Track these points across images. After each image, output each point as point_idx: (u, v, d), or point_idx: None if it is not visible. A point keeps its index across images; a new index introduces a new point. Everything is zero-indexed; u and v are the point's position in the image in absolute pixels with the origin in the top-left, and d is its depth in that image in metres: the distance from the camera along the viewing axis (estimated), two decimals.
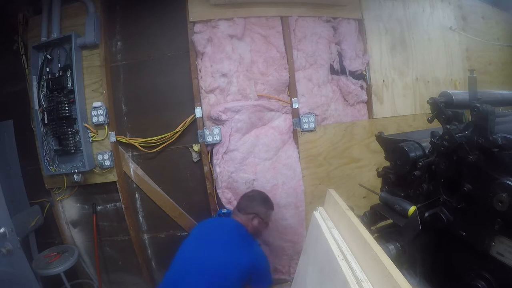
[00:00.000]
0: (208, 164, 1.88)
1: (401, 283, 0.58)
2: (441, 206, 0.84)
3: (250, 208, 1.61)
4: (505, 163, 0.69)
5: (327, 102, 2.04)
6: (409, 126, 2.26)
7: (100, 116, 1.83)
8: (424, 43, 2.35)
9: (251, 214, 1.60)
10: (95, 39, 1.82)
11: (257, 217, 1.60)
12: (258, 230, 1.63)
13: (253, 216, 1.59)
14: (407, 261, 0.94)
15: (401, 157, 0.98)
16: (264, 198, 1.69)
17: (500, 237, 0.70)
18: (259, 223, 1.61)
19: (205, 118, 1.88)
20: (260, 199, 1.67)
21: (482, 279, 0.74)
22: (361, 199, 2.09)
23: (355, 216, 0.89)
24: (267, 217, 1.66)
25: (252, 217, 1.59)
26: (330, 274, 0.81)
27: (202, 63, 1.86)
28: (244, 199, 1.68)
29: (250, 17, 1.90)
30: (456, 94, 0.93)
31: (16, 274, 1.54)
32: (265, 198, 1.69)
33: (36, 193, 2.02)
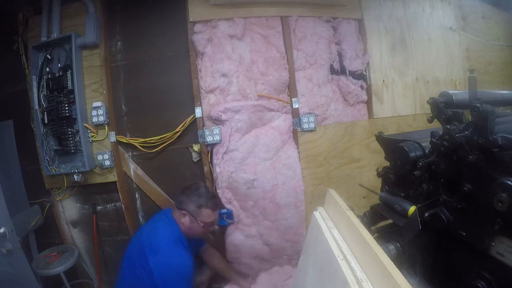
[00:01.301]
0: (208, 164, 1.88)
1: (401, 283, 0.58)
2: (441, 206, 0.84)
3: (181, 203, 1.47)
4: (505, 163, 0.69)
5: (327, 102, 2.04)
6: (409, 126, 2.26)
7: (100, 116, 1.83)
8: (424, 43, 2.35)
9: (182, 210, 1.45)
10: (95, 39, 1.82)
11: (187, 214, 1.44)
12: (191, 230, 1.47)
13: (183, 213, 1.45)
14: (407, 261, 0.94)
15: (401, 157, 0.98)
16: (200, 193, 1.48)
17: (500, 237, 0.70)
18: (191, 221, 1.45)
19: (205, 118, 1.88)
20: (196, 194, 1.47)
21: (482, 279, 0.74)
22: (361, 199, 2.09)
23: (355, 216, 0.89)
24: (200, 217, 1.45)
25: (182, 213, 1.45)
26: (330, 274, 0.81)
27: (202, 63, 1.86)
28: (180, 192, 1.51)
29: (250, 17, 1.90)
30: (456, 94, 0.93)
31: (16, 274, 1.54)
32: (201, 194, 1.48)
33: (36, 193, 2.02)
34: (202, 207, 1.45)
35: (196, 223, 1.45)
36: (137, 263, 1.37)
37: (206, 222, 1.48)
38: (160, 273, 1.31)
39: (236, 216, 1.93)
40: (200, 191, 1.48)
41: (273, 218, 1.94)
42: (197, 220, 1.45)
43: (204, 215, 1.46)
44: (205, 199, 1.47)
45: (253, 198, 1.92)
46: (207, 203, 1.46)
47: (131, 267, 1.40)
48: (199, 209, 1.45)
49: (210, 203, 1.48)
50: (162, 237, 1.40)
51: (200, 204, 1.45)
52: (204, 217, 1.47)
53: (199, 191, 1.48)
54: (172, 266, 1.34)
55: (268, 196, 1.92)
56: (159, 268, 1.32)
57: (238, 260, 1.98)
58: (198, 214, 1.45)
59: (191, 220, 1.44)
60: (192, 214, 1.44)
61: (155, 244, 1.38)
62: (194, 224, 1.45)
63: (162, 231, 1.43)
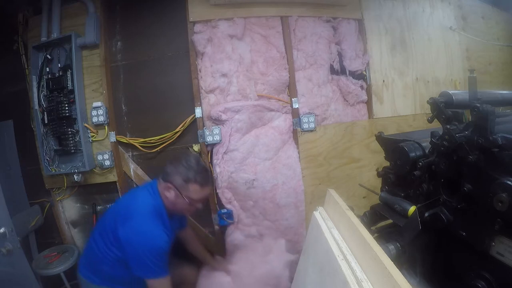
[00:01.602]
0: (208, 164, 1.88)
1: (401, 283, 0.58)
2: (441, 206, 0.84)
3: (168, 175, 1.29)
4: (505, 163, 0.69)
5: (327, 102, 2.04)
6: (409, 126, 2.26)
7: (100, 116, 1.83)
8: (424, 43, 2.35)
9: (167, 183, 1.28)
10: (95, 39, 1.82)
11: (172, 188, 1.27)
12: (175, 206, 1.30)
13: (168, 186, 1.28)
14: (407, 261, 0.94)
15: (401, 157, 0.99)
16: (190, 166, 1.28)
17: (500, 237, 0.70)
18: (176, 196, 1.28)
19: (205, 118, 1.87)
20: (184, 166, 1.28)
21: (482, 279, 0.74)
22: (361, 199, 2.09)
23: (355, 216, 0.89)
24: (186, 192, 1.27)
25: (167, 187, 1.28)
26: (330, 274, 0.81)
27: (202, 63, 1.86)
28: (168, 162, 1.34)
29: (250, 17, 1.90)
30: (456, 94, 0.93)
31: (16, 274, 1.54)
32: (190, 166, 1.28)
33: (36, 193, 2.02)
34: (190, 182, 1.26)
35: (181, 198, 1.27)
36: (108, 229, 1.27)
37: (192, 199, 1.29)
38: (128, 242, 1.19)
39: (236, 216, 1.93)
40: (190, 163, 1.28)
41: (273, 218, 1.94)
42: (183, 196, 1.27)
43: (191, 190, 1.27)
44: (194, 172, 1.26)
45: (253, 198, 1.92)
46: (195, 177, 1.26)
47: (102, 234, 1.30)
48: (186, 183, 1.26)
49: (199, 177, 1.27)
50: (139, 206, 1.27)
51: (188, 177, 1.26)
52: (191, 192, 1.27)
53: (188, 163, 1.28)
54: (143, 235, 1.19)
55: (268, 196, 1.92)
56: (129, 235, 1.19)
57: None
58: (184, 189, 1.27)
59: (176, 195, 1.27)
60: (177, 188, 1.27)
61: (130, 212, 1.25)
62: (179, 200, 1.28)
63: (142, 200, 1.30)
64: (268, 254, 1.69)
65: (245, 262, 1.68)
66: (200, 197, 1.32)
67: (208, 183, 1.33)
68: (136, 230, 1.20)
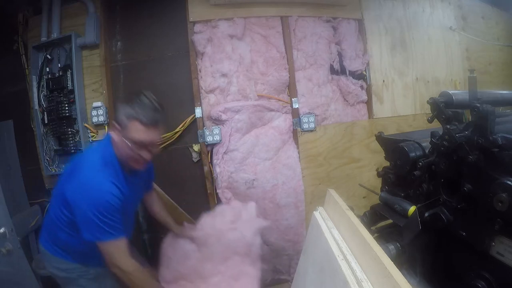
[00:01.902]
0: (208, 164, 1.88)
1: (401, 283, 0.58)
2: (441, 206, 0.84)
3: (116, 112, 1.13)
4: (505, 163, 0.69)
5: (327, 102, 2.04)
6: (409, 126, 2.26)
7: (100, 116, 1.83)
8: (424, 43, 2.35)
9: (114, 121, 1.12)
10: (95, 39, 1.82)
11: (116, 127, 1.10)
12: (118, 151, 1.11)
13: (113, 124, 1.13)
14: (407, 261, 0.94)
15: (401, 157, 0.99)
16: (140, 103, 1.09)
17: (500, 237, 0.70)
18: (117, 137, 1.10)
19: (205, 118, 1.87)
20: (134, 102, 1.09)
21: (482, 279, 0.74)
22: (361, 199, 2.09)
23: (355, 216, 0.89)
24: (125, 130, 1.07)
25: (113, 125, 1.12)
26: (330, 274, 0.81)
27: (202, 63, 1.86)
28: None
29: (250, 17, 1.90)
30: (456, 94, 0.93)
31: (16, 274, 1.54)
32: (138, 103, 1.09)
33: (36, 193, 2.02)
34: (131, 119, 1.06)
35: (121, 138, 1.09)
36: (59, 190, 1.15)
37: (134, 141, 1.08)
38: (74, 199, 1.06)
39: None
40: (142, 100, 1.09)
41: (273, 218, 1.94)
42: (122, 135, 1.09)
43: (131, 129, 1.07)
44: (139, 109, 1.07)
45: (253, 198, 1.91)
46: (139, 114, 1.06)
47: (56, 197, 1.20)
48: (128, 121, 1.07)
49: (143, 114, 1.06)
50: (87, 157, 1.14)
51: (130, 114, 1.07)
52: (131, 131, 1.07)
53: (140, 99, 1.09)
54: (88, 189, 1.04)
55: (268, 196, 1.92)
56: (74, 192, 1.06)
57: None
58: (125, 128, 1.08)
59: (118, 134, 1.10)
60: (120, 128, 1.10)
61: (78, 166, 1.12)
62: (122, 143, 1.09)
63: (91, 150, 1.18)
64: (237, 219, 1.56)
65: (212, 228, 1.52)
66: (143, 140, 1.09)
67: (155, 123, 1.10)
68: (81, 185, 1.05)
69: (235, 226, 1.52)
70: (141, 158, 1.13)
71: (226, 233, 1.48)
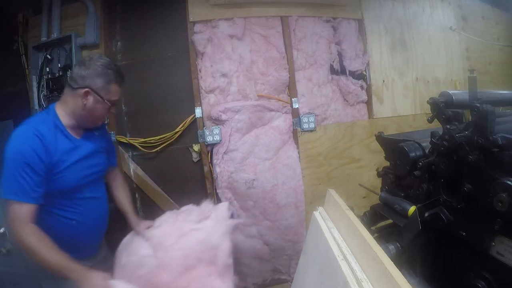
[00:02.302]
0: (208, 164, 1.88)
1: (401, 283, 0.58)
2: (441, 206, 0.84)
3: (82, 78, 1.13)
4: (505, 163, 0.69)
5: (327, 102, 2.04)
6: (409, 126, 2.26)
7: None
8: (424, 43, 2.35)
9: (83, 88, 1.13)
10: (95, 39, 1.82)
11: (91, 92, 1.13)
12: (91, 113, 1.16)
13: (85, 91, 1.13)
14: (407, 261, 0.94)
15: (401, 157, 0.99)
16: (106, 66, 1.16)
17: (500, 237, 0.70)
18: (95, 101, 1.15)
19: (205, 118, 1.88)
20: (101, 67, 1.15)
21: (482, 279, 0.74)
22: (361, 199, 2.09)
23: (355, 216, 0.89)
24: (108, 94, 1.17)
25: (84, 93, 1.13)
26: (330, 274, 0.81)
27: (202, 63, 1.86)
28: (77, 66, 1.18)
29: (250, 17, 1.90)
30: (456, 94, 0.93)
31: (16, 274, 1.54)
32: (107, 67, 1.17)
33: None
34: (111, 83, 1.17)
35: (101, 102, 1.16)
36: None
37: (112, 101, 1.20)
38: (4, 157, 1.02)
39: (236, 216, 1.92)
40: (104, 63, 1.17)
41: (273, 218, 1.94)
42: (104, 99, 1.16)
43: (112, 91, 1.19)
44: (114, 72, 1.18)
45: (253, 198, 1.92)
46: (116, 77, 1.19)
47: None
48: (108, 84, 1.16)
49: (118, 77, 1.20)
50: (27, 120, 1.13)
51: (110, 79, 1.17)
52: (112, 94, 1.19)
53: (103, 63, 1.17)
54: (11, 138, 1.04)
55: (268, 196, 1.92)
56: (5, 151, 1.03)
57: (238, 260, 1.98)
58: (105, 91, 1.16)
59: (96, 99, 1.14)
60: (97, 92, 1.14)
61: None
62: (98, 105, 1.16)
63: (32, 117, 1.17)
64: (204, 219, 1.32)
65: (171, 226, 1.30)
66: (118, 98, 1.24)
67: (124, 81, 1.24)
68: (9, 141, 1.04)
69: (199, 226, 1.28)
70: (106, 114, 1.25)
71: (188, 234, 1.25)
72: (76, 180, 1.15)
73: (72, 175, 1.14)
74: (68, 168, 1.12)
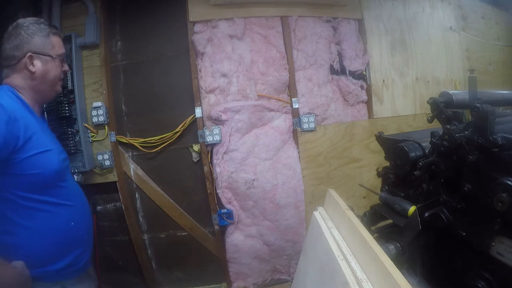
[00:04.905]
0: (208, 164, 1.88)
1: (401, 283, 0.58)
2: (441, 206, 0.84)
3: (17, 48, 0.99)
4: (505, 163, 0.69)
5: (327, 102, 2.04)
6: (409, 126, 2.26)
7: (100, 116, 1.83)
8: (424, 43, 2.35)
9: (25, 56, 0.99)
10: (95, 39, 1.82)
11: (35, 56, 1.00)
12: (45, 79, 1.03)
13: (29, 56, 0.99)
14: (407, 261, 0.94)
15: (401, 157, 0.99)
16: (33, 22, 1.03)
17: (500, 237, 0.70)
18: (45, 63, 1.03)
19: (205, 118, 1.88)
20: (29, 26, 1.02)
21: (482, 279, 0.74)
22: (361, 199, 2.09)
23: (355, 216, 0.89)
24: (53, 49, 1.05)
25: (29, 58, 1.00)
26: (330, 274, 0.81)
27: (202, 63, 1.87)
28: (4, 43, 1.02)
29: (250, 17, 1.90)
30: (456, 94, 0.93)
31: None
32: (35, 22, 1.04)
33: None
34: (50, 35, 1.05)
35: (50, 60, 1.03)
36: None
37: (60, 54, 1.08)
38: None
39: (236, 216, 1.93)
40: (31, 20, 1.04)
41: (273, 218, 1.94)
42: (52, 55, 1.04)
43: (55, 44, 1.06)
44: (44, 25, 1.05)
45: (253, 198, 1.92)
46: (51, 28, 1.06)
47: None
48: (48, 38, 1.03)
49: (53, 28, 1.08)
50: None
51: (47, 32, 1.04)
52: (56, 46, 1.06)
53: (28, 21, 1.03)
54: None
55: (268, 196, 1.92)
56: None
57: (238, 260, 1.98)
58: (49, 47, 1.03)
59: (44, 60, 1.02)
60: (42, 53, 1.01)
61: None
62: (49, 64, 1.03)
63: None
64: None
65: None
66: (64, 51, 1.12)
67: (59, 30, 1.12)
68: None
69: None
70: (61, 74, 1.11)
71: None
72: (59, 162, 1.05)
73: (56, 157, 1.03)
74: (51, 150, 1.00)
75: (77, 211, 1.10)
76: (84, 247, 1.08)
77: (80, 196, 1.19)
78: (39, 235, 0.95)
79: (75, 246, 1.02)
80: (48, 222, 0.97)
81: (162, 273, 2.05)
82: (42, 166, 0.96)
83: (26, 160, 0.91)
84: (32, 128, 0.95)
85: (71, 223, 1.05)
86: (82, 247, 1.05)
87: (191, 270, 2.04)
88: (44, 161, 0.97)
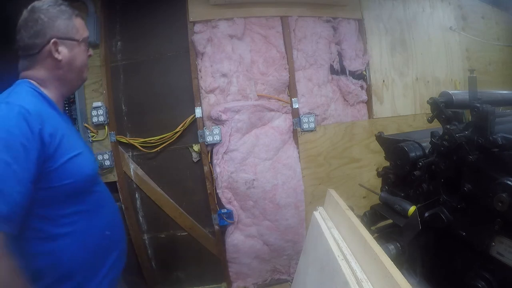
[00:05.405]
0: (208, 164, 1.88)
1: (401, 283, 0.58)
2: (441, 206, 0.84)
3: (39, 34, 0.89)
4: (505, 163, 0.69)
5: (327, 102, 2.04)
6: (409, 126, 2.26)
7: (100, 116, 1.83)
8: (424, 43, 2.35)
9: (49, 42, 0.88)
10: (95, 39, 1.82)
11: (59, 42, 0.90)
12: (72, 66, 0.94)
13: (54, 42, 0.89)
14: (407, 261, 0.94)
15: (401, 157, 0.99)
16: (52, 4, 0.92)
17: (500, 237, 0.70)
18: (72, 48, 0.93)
19: (205, 118, 1.88)
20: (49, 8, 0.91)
21: (482, 279, 0.74)
22: (361, 199, 2.09)
23: (355, 216, 0.89)
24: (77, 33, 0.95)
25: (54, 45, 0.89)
26: (330, 274, 0.81)
27: (202, 63, 1.87)
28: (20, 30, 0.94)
29: (250, 17, 1.90)
30: (456, 94, 0.93)
31: None
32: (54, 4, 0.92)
33: None
34: (73, 17, 0.95)
35: (78, 46, 0.95)
36: None
37: (84, 37, 0.99)
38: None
39: (236, 216, 1.93)
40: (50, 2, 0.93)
41: (273, 218, 1.94)
42: (78, 40, 0.95)
43: (79, 27, 0.96)
44: (66, 6, 0.94)
45: (253, 198, 1.92)
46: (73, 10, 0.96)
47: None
48: (71, 20, 0.93)
49: (75, 9, 0.97)
50: None
51: (69, 14, 0.94)
52: (81, 30, 0.97)
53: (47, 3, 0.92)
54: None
55: (268, 196, 1.92)
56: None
57: (238, 260, 1.98)
58: (74, 30, 0.93)
59: (70, 45, 0.92)
60: (66, 36, 0.91)
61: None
62: (75, 50, 0.94)
63: None
64: None
65: None
66: (88, 34, 1.03)
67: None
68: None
69: None
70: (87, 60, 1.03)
71: None
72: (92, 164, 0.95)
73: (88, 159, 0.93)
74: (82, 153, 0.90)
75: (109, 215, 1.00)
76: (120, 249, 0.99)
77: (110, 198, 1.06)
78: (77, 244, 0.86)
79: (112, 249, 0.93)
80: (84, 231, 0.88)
81: (162, 273, 2.05)
82: (77, 173, 0.86)
83: (59, 168, 0.81)
84: (61, 130, 0.85)
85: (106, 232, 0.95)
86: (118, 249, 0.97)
87: (191, 270, 2.04)
88: (78, 167, 0.87)
